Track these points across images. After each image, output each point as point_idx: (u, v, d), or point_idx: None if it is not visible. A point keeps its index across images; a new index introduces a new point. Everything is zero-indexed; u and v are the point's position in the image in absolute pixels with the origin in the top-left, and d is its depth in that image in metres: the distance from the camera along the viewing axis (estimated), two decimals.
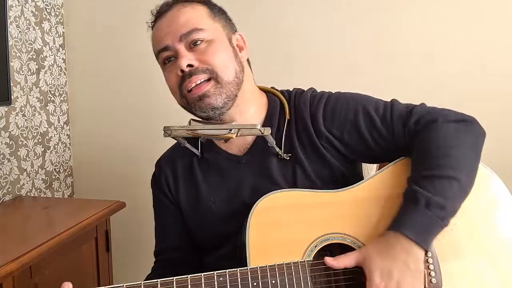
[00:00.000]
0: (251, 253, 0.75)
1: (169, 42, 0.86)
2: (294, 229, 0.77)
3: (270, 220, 0.78)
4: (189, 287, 0.70)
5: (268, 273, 0.72)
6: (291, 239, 0.77)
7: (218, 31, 0.89)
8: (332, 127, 0.88)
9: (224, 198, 0.92)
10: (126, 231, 1.92)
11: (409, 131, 0.84)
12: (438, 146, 0.79)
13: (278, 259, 0.74)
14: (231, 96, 0.87)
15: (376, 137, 0.86)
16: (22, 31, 1.68)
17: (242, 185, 0.91)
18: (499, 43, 1.63)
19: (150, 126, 1.95)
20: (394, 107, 0.87)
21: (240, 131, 0.85)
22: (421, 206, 0.73)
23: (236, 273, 0.72)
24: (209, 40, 0.86)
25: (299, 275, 0.73)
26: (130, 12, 1.90)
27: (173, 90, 0.90)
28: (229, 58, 0.88)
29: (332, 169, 0.88)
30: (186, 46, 0.86)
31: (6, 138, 1.61)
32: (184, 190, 0.97)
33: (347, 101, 0.90)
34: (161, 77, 2.02)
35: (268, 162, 0.90)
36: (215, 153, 0.95)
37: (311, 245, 0.76)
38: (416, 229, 0.72)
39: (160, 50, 0.88)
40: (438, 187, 0.74)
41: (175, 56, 0.87)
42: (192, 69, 0.85)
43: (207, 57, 0.85)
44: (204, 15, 0.89)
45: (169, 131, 0.89)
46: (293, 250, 0.76)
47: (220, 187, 0.93)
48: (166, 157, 1.04)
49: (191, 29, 0.85)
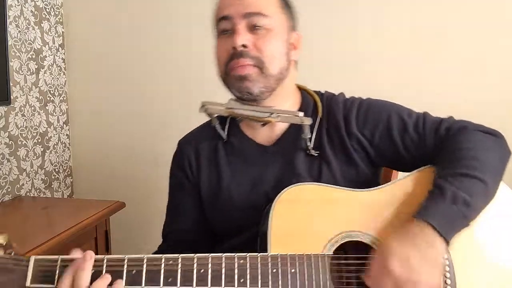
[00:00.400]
0: (272, 241, 0.75)
1: (232, 13, 0.86)
2: (316, 223, 0.78)
3: (294, 211, 0.78)
4: (210, 265, 0.71)
5: (288, 261, 0.72)
6: (313, 232, 0.77)
7: (281, 23, 0.89)
8: (364, 129, 0.90)
9: (246, 185, 0.91)
10: (126, 231, 1.91)
11: (440, 138, 0.85)
12: (467, 148, 0.80)
13: (298, 249, 0.73)
14: (269, 88, 0.87)
15: (407, 142, 0.87)
16: (21, 31, 1.68)
17: (265, 175, 0.91)
18: (499, 43, 1.63)
19: (150, 126, 1.95)
20: (426, 116, 0.89)
21: (280, 116, 0.86)
22: (447, 199, 0.72)
23: (257, 257, 0.72)
24: (270, 29, 0.86)
25: (319, 267, 0.73)
26: (130, 12, 1.90)
27: (220, 62, 0.90)
28: (281, 52, 0.88)
29: (358, 171, 0.89)
30: (247, 25, 0.86)
31: (6, 138, 1.61)
32: (206, 172, 0.95)
33: (381, 106, 0.92)
34: (161, 77, 2.02)
35: (295, 155, 0.90)
36: (242, 139, 0.95)
37: (332, 240, 0.76)
38: (441, 220, 0.70)
39: (221, 18, 0.88)
40: (465, 184, 0.74)
41: (232, 29, 0.87)
42: (244, 50, 0.85)
43: (262, 45, 0.85)
44: (275, 2, 0.89)
45: (206, 106, 0.89)
46: (314, 243, 0.75)
47: (243, 174, 0.92)
48: (189, 137, 1.03)
49: (257, 11, 0.85)
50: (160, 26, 1.87)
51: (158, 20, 1.87)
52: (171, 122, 1.90)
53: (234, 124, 0.97)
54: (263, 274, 0.71)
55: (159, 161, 1.89)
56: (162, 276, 0.70)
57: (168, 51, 1.88)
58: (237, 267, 0.71)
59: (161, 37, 1.88)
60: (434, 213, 0.71)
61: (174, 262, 0.71)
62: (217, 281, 0.70)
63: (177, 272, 0.70)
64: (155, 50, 1.89)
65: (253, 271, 0.71)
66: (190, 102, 1.86)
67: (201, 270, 0.70)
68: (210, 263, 0.71)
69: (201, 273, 0.70)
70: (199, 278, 0.70)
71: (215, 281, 0.70)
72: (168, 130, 1.91)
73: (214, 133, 0.97)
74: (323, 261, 0.73)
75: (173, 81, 1.90)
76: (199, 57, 1.85)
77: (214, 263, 0.71)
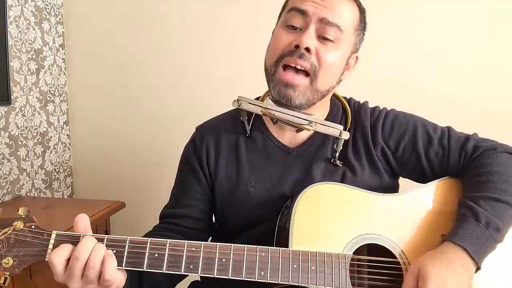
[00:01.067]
0: (294, 237, 0.76)
1: (310, 11, 0.82)
2: (337, 222, 0.79)
3: (317, 208, 0.79)
4: (232, 254, 0.71)
5: (309, 258, 0.73)
6: (334, 231, 0.78)
7: (349, 43, 0.87)
8: (389, 139, 0.90)
9: (265, 184, 0.91)
10: (126, 231, 1.91)
11: (466, 155, 0.86)
12: (498, 172, 0.80)
13: (318, 247, 0.74)
14: (310, 102, 0.86)
15: (431, 156, 0.88)
16: (21, 31, 1.68)
17: (286, 177, 0.90)
18: (500, 44, 1.63)
19: (150, 126, 1.95)
20: (451, 131, 0.90)
21: (318, 126, 0.85)
22: (482, 224, 0.73)
23: (279, 251, 0.73)
24: (338, 44, 0.84)
25: (338, 267, 0.73)
26: (130, 12, 1.90)
27: (274, 52, 0.85)
28: (337, 71, 0.87)
29: (380, 180, 0.90)
30: (318, 31, 0.82)
31: (6, 138, 1.61)
32: (225, 166, 0.93)
33: (407, 118, 0.92)
34: (161, 77, 2.02)
35: (318, 162, 0.90)
36: (266, 136, 0.94)
37: (352, 241, 0.77)
38: (475, 246, 0.72)
39: (296, 9, 0.83)
40: (497, 210, 0.75)
41: (301, 27, 0.83)
42: (305, 53, 0.82)
43: (324, 56, 0.82)
44: (353, 22, 0.86)
45: (240, 101, 0.87)
46: (335, 242, 0.77)
47: (263, 173, 0.91)
48: (210, 126, 1.00)
49: (335, 23, 0.82)
50: (160, 27, 1.87)
51: (158, 20, 1.87)
52: (171, 122, 1.90)
53: (258, 119, 0.95)
54: (283, 268, 0.72)
55: (160, 161, 1.90)
56: (184, 262, 0.71)
57: (168, 51, 1.88)
58: (258, 260, 0.72)
59: (162, 37, 1.88)
60: (468, 237, 0.72)
61: (197, 249, 0.71)
62: (238, 271, 0.71)
63: (198, 259, 0.71)
64: (155, 50, 1.89)
65: (273, 265, 0.72)
66: (191, 103, 1.88)
67: (223, 259, 0.71)
68: (232, 253, 0.72)
69: (222, 262, 0.71)
70: (220, 267, 0.71)
71: (236, 271, 0.71)
72: (168, 130, 1.91)
73: (236, 126, 0.95)
74: (343, 261, 0.74)
75: (174, 81, 1.90)
76: (200, 58, 1.85)
77: (236, 253, 0.72)
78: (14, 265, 0.67)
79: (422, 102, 1.62)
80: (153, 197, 1.93)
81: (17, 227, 0.69)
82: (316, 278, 0.72)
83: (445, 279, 0.68)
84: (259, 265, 0.71)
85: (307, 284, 0.72)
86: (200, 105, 1.85)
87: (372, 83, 1.67)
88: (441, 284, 0.68)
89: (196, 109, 1.85)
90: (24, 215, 0.70)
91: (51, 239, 0.69)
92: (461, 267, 0.70)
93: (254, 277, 0.71)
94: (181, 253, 0.71)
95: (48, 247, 0.69)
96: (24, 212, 0.70)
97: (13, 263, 0.67)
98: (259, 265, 0.71)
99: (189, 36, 1.85)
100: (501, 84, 1.64)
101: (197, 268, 0.71)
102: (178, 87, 1.90)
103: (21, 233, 0.69)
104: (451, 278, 0.69)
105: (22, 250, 0.68)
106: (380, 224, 0.79)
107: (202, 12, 1.83)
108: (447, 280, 0.68)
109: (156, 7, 1.86)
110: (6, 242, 0.68)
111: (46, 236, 0.70)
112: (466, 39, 1.65)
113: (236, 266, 0.71)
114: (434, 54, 1.67)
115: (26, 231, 0.69)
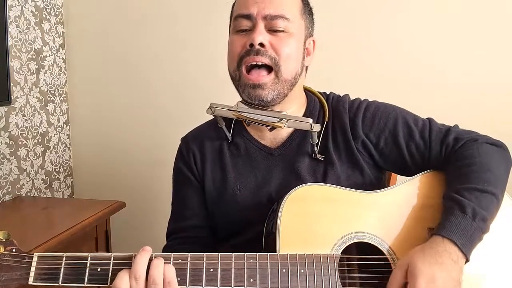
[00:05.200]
0: (281, 240, 0.75)
1: (254, 12, 0.85)
2: (324, 223, 0.78)
3: (303, 210, 0.79)
4: (219, 264, 0.71)
5: (298, 261, 0.72)
6: (321, 232, 0.78)
7: (300, 28, 0.89)
8: (370, 132, 0.90)
9: (251, 188, 0.91)
10: (126, 231, 1.91)
11: (447, 147, 0.86)
12: (481, 162, 0.80)
13: (306, 249, 0.74)
14: (282, 94, 0.87)
15: (412, 148, 0.88)
16: (22, 31, 1.68)
17: (270, 178, 0.91)
18: (500, 43, 1.63)
19: (150, 126, 1.95)
20: (432, 123, 0.90)
21: (289, 122, 0.85)
22: (468, 216, 0.73)
23: (267, 257, 0.72)
24: (289, 32, 0.86)
25: (327, 268, 0.73)
26: (130, 12, 1.90)
27: (233, 57, 0.88)
28: (296, 57, 0.88)
29: (363, 174, 0.90)
30: (267, 26, 0.85)
31: (6, 138, 1.61)
32: (211, 172, 0.95)
33: (387, 110, 0.92)
34: (161, 77, 2.02)
35: (300, 159, 0.90)
36: (247, 140, 0.95)
37: (339, 241, 0.77)
38: (464, 238, 0.71)
39: (241, 16, 0.87)
40: (482, 200, 0.75)
41: (250, 29, 0.86)
42: (261, 49, 0.84)
43: (279, 46, 0.85)
44: (296, 8, 0.89)
45: (214, 108, 0.89)
46: (322, 243, 0.76)
47: (248, 176, 0.92)
48: (193, 135, 1.02)
49: (279, 14, 0.85)
50: (160, 27, 1.87)
51: (158, 20, 1.87)
52: (171, 122, 1.90)
53: (239, 124, 0.97)
54: (272, 274, 0.71)
55: (159, 161, 1.90)
56: None
57: (168, 51, 1.88)
58: (246, 267, 0.71)
59: (161, 37, 1.88)
60: (456, 230, 0.72)
61: (183, 261, 0.71)
62: (227, 281, 0.70)
63: (186, 271, 0.70)
64: (155, 51, 1.89)
65: (262, 271, 0.71)
66: (190, 102, 1.88)
67: (211, 269, 0.70)
68: (220, 262, 0.71)
69: (210, 273, 0.70)
70: (208, 277, 0.70)
71: (225, 281, 0.70)
72: (168, 130, 1.91)
73: (218, 133, 0.97)
74: (331, 261, 0.74)
75: (174, 81, 1.90)
76: (199, 58, 1.85)
77: (223, 262, 0.71)
78: None
79: (421, 97, 1.63)
80: (153, 197, 1.93)
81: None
82: (306, 280, 0.72)
83: (435, 275, 0.68)
84: (247, 273, 0.71)
85: (298, 287, 0.71)
86: (200, 105, 1.83)
87: (370, 80, 1.68)
88: (430, 279, 0.68)
89: (196, 110, 1.83)
90: (5, 238, 0.69)
91: (33, 262, 0.69)
92: (450, 261, 0.70)
93: (243, 285, 0.70)
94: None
95: (31, 270, 0.68)
96: (4, 236, 0.69)
97: None
98: (248, 273, 0.71)
99: (188, 36, 1.85)
100: (501, 83, 1.64)
101: (185, 281, 0.70)
102: (178, 87, 1.90)
103: (1, 257, 0.68)
104: (441, 273, 0.68)
105: (4, 275, 0.67)
106: (366, 222, 0.79)
107: (202, 13, 1.83)
108: (436, 275, 0.68)
109: (156, 7, 1.86)
110: None
111: (28, 259, 0.69)
112: (466, 39, 1.65)
113: (225, 275, 0.70)
114: (434, 52, 1.68)
115: (7, 255, 0.68)
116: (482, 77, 1.65)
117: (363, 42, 1.71)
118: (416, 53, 1.68)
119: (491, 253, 0.77)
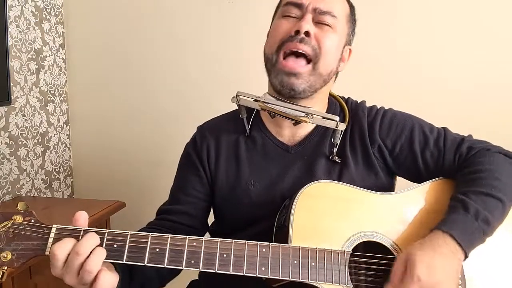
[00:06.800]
0: (294, 233, 0.76)
1: (305, 3, 0.87)
2: (336, 220, 0.79)
3: (316, 206, 0.80)
4: (232, 250, 0.72)
5: (309, 255, 0.74)
6: (332, 228, 0.79)
7: (343, 31, 0.91)
8: (386, 137, 0.91)
9: (265, 183, 0.91)
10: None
11: (461, 156, 0.87)
12: (490, 170, 0.82)
13: (317, 244, 0.75)
14: (313, 88, 0.88)
15: (426, 156, 0.89)
16: (22, 31, 1.68)
17: (285, 175, 0.91)
18: (499, 43, 1.63)
19: (150, 126, 1.95)
20: (447, 132, 0.92)
21: (315, 118, 0.86)
22: (470, 215, 0.74)
23: (279, 247, 0.73)
24: (334, 29, 0.88)
25: (338, 264, 0.74)
26: (130, 12, 1.90)
27: (274, 40, 0.89)
28: (335, 55, 0.90)
29: (377, 178, 0.91)
30: (314, 19, 0.87)
31: (6, 138, 1.61)
32: (225, 165, 0.95)
33: (404, 118, 0.94)
34: (161, 77, 2.02)
35: (317, 159, 0.91)
36: (264, 135, 0.95)
37: (350, 238, 0.78)
38: (464, 234, 0.72)
39: (292, 3, 0.88)
40: (487, 203, 0.76)
41: (298, 17, 0.87)
42: (305, 37, 0.85)
43: (323, 39, 0.86)
44: (344, 12, 0.91)
45: (239, 97, 0.89)
46: (334, 239, 0.77)
47: (263, 172, 0.92)
48: (210, 126, 1.02)
49: (328, 10, 0.87)
50: (160, 26, 1.88)
51: (158, 20, 1.87)
52: (171, 122, 1.90)
53: (258, 119, 0.97)
54: (284, 264, 0.72)
55: (160, 161, 1.90)
56: (185, 257, 0.70)
57: (168, 51, 1.88)
58: (259, 255, 0.72)
59: (161, 37, 1.88)
60: (457, 226, 0.73)
61: (198, 244, 0.71)
62: (239, 267, 0.71)
63: (200, 254, 0.71)
64: (155, 50, 1.89)
65: (274, 261, 0.72)
66: (190, 102, 1.88)
67: (224, 254, 0.71)
68: (233, 248, 0.72)
69: (224, 257, 0.71)
70: (221, 262, 0.71)
71: (237, 266, 0.71)
72: (168, 130, 1.91)
73: (236, 126, 0.97)
74: (342, 257, 0.75)
75: (173, 81, 1.90)
76: (200, 58, 1.86)
77: (237, 248, 0.72)
78: (12, 259, 0.66)
79: (424, 101, 1.63)
80: (153, 197, 1.92)
81: (16, 221, 0.68)
82: (316, 274, 0.73)
83: (434, 262, 0.69)
84: (260, 261, 0.71)
85: (307, 280, 0.72)
86: (200, 105, 1.85)
87: (373, 83, 1.68)
88: (429, 266, 0.68)
89: (196, 109, 1.85)
90: (23, 209, 0.69)
91: (51, 233, 0.69)
92: (449, 251, 0.70)
93: (255, 273, 0.71)
94: (183, 248, 0.71)
95: (48, 241, 0.68)
96: (23, 207, 0.69)
97: (12, 257, 0.66)
98: (260, 261, 0.72)
99: (189, 36, 1.85)
100: (501, 82, 1.64)
101: (198, 263, 0.70)
102: (178, 87, 1.90)
103: (20, 227, 0.67)
104: (440, 261, 0.69)
105: (21, 244, 0.67)
106: (376, 222, 0.80)
107: (202, 12, 1.84)
108: (435, 262, 0.69)
109: (156, 7, 1.87)
110: (4, 236, 0.67)
111: (46, 230, 0.69)
112: (465, 38, 1.65)
113: (237, 261, 0.71)
114: (434, 53, 1.68)
115: (26, 225, 0.68)
116: (482, 77, 1.65)
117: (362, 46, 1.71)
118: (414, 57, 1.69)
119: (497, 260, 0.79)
